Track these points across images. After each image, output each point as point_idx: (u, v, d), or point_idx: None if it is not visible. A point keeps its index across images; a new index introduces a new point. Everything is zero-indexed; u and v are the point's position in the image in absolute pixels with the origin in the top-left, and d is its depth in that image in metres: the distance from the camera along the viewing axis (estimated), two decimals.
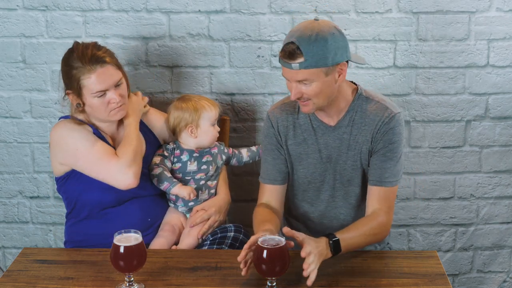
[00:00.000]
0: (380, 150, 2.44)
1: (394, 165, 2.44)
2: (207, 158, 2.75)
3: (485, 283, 3.37)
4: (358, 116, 2.46)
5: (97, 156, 2.52)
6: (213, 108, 2.75)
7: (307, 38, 2.25)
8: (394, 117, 2.43)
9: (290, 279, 2.20)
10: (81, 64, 2.50)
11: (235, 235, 2.64)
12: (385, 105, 2.46)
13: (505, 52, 3.05)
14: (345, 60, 2.33)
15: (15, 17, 2.99)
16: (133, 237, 2.15)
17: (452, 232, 3.29)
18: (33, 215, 3.25)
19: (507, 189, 3.24)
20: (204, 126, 2.73)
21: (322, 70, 2.28)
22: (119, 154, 2.54)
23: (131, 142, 2.57)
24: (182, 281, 2.22)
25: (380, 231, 2.43)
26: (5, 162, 3.18)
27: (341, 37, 2.31)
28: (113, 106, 2.55)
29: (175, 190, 2.66)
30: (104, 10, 2.99)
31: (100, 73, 2.51)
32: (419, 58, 3.05)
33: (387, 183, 2.44)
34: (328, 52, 2.26)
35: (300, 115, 2.52)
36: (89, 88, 2.51)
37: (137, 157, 2.56)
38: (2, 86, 3.08)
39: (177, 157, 2.73)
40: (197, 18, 3.00)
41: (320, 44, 2.25)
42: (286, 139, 2.54)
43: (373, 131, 2.44)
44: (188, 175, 2.72)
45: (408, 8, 2.99)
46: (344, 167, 2.50)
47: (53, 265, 2.33)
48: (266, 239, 2.11)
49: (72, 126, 2.58)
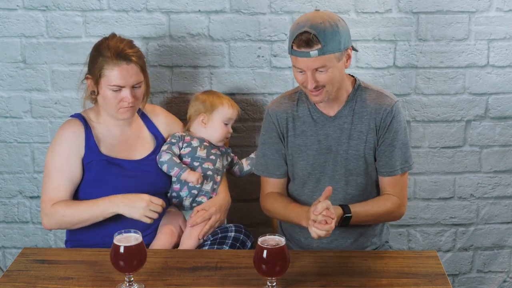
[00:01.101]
0: (386, 140, 2.51)
1: (404, 152, 2.53)
2: (216, 151, 2.78)
3: (485, 283, 3.37)
4: (358, 105, 2.51)
5: (46, 184, 2.59)
6: (231, 108, 2.80)
7: (320, 26, 2.33)
8: (394, 106, 2.51)
9: (290, 279, 2.20)
10: (110, 54, 2.55)
11: (235, 235, 2.64)
12: (383, 93, 2.54)
13: (505, 52, 3.05)
14: (351, 45, 2.44)
15: (15, 17, 3.00)
16: (133, 237, 2.15)
17: (452, 232, 3.29)
18: (33, 215, 3.25)
19: (507, 189, 3.24)
20: (216, 121, 2.78)
21: (336, 55, 2.37)
22: (57, 205, 2.56)
23: (89, 210, 2.55)
24: (182, 281, 2.22)
25: (393, 210, 2.55)
26: (5, 162, 3.19)
27: (345, 23, 2.42)
28: (124, 104, 2.58)
29: (184, 175, 2.67)
30: (104, 10, 2.99)
31: (123, 70, 2.55)
32: (419, 58, 3.05)
33: (398, 170, 2.53)
34: (340, 37, 2.36)
35: (299, 108, 2.56)
36: (108, 80, 2.55)
37: (65, 223, 2.56)
38: (2, 86, 3.08)
39: (187, 143, 2.75)
40: (197, 18, 3.00)
41: (333, 30, 2.35)
42: (286, 132, 2.58)
43: (376, 120, 2.50)
44: (197, 160, 2.74)
45: (408, 8, 2.99)
46: (345, 157, 2.53)
47: (53, 265, 2.33)
48: (266, 239, 2.11)
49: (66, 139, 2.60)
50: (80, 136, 2.61)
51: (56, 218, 2.56)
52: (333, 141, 2.53)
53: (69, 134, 2.61)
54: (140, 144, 2.72)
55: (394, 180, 2.55)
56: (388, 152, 2.52)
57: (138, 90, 2.61)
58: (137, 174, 2.65)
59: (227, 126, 2.80)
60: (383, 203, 2.54)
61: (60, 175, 2.58)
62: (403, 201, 2.56)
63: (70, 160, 2.59)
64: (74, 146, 2.60)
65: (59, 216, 2.55)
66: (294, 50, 2.37)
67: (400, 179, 2.55)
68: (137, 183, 2.63)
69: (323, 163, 2.55)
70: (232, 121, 2.82)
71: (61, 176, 2.58)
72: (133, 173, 2.64)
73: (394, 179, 2.54)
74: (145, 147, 2.72)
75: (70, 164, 2.59)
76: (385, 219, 2.61)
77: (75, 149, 2.60)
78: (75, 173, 2.60)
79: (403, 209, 2.58)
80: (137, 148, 2.70)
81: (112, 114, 2.63)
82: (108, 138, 2.66)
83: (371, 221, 2.57)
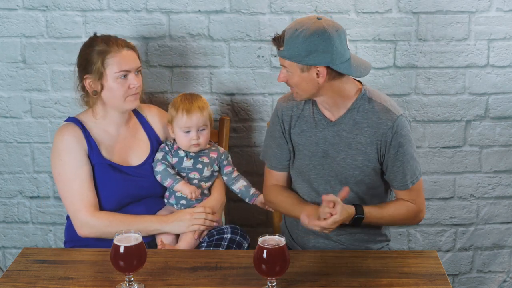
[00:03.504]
0: (392, 156, 2.47)
1: (412, 165, 2.49)
2: (203, 159, 2.73)
3: (485, 283, 3.37)
4: (359, 116, 2.47)
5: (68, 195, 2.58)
6: (187, 116, 2.66)
7: (292, 31, 2.35)
8: (397, 120, 2.45)
9: (290, 279, 2.20)
10: (107, 46, 2.57)
11: (232, 236, 2.63)
12: (387, 107, 2.47)
13: (505, 52, 3.05)
14: (323, 65, 2.34)
15: (15, 17, 2.99)
16: (133, 237, 2.15)
17: (452, 232, 3.29)
18: (33, 215, 3.25)
19: (507, 189, 3.24)
20: (176, 129, 2.70)
21: (298, 65, 2.36)
22: (101, 215, 2.56)
23: (135, 224, 2.56)
24: (182, 281, 2.22)
25: (409, 216, 2.53)
26: (5, 162, 3.18)
27: (328, 42, 2.32)
28: (132, 91, 2.59)
29: (178, 186, 2.66)
30: (104, 10, 2.99)
31: (125, 55, 2.59)
32: (419, 58, 3.05)
33: (409, 184, 2.50)
34: (301, 51, 2.33)
35: (306, 107, 2.56)
36: (114, 68, 2.57)
37: (106, 233, 2.55)
38: (2, 86, 3.08)
39: (175, 151, 2.72)
40: (197, 18, 3.00)
41: (298, 41, 2.33)
42: (289, 128, 2.58)
43: (377, 134, 2.45)
44: (183, 171, 2.71)
45: (408, 8, 2.99)
46: (342, 164, 2.51)
47: (53, 265, 2.33)
48: (266, 239, 2.11)
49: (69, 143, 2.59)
50: (80, 139, 2.60)
51: (99, 227, 2.56)
52: (330, 147, 2.51)
53: (70, 138, 2.59)
54: (136, 145, 2.72)
55: (408, 191, 2.52)
56: (396, 167, 2.48)
57: (139, 76, 2.64)
58: (136, 179, 2.66)
59: (189, 134, 2.67)
60: (398, 207, 2.51)
61: (80, 180, 2.57)
62: (420, 207, 2.53)
63: (82, 162, 2.58)
64: (79, 148, 2.59)
65: (103, 225, 2.55)
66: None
67: (414, 188, 2.52)
68: (136, 187, 2.64)
69: (318, 166, 2.54)
70: (192, 128, 2.66)
71: (81, 181, 2.57)
72: (132, 177, 2.65)
73: (408, 191, 2.51)
74: (142, 148, 2.72)
75: (83, 165, 2.58)
76: (400, 223, 2.61)
77: (80, 150, 2.59)
78: (90, 173, 2.60)
79: (421, 215, 2.55)
80: (134, 149, 2.70)
81: (119, 105, 2.62)
82: (106, 140, 2.66)
83: (385, 224, 2.57)
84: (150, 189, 2.67)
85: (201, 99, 2.72)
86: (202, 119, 2.68)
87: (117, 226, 2.52)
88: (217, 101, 3.10)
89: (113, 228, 2.49)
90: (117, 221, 2.56)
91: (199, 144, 2.69)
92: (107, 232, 2.52)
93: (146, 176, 2.67)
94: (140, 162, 2.69)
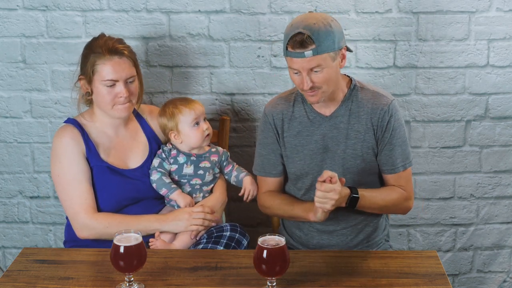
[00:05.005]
0: (385, 139, 2.53)
1: (403, 149, 2.56)
2: (204, 164, 2.72)
3: (485, 283, 3.37)
4: (354, 105, 2.54)
5: (68, 197, 2.58)
6: (189, 109, 2.67)
7: (314, 26, 2.36)
8: (392, 103, 2.54)
9: (290, 279, 2.20)
10: (101, 50, 2.55)
11: (231, 234, 2.62)
12: (379, 93, 2.57)
13: (505, 52, 3.05)
14: (345, 45, 2.46)
15: (15, 17, 2.99)
16: (133, 237, 2.15)
17: (452, 232, 3.29)
18: (33, 215, 3.25)
19: (507, 189, 3.24)
20: (185, 130, 2.68)
21: (330, 55, 2.40)
22: (99, 216, 2.56)
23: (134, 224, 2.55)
24: (182, 281, 2.22)
25: (400, 202, 2.58)
26: (5, 162, 3.18)
27: (338, 24, 2.45)
28: (120, 100, 2.57)
29: (174, 196, 2.65)
30: (104, 10, 2.99)
31: (115, 64, 2.55)
32: (419, 58, 3.05)
33: (399, 168, 2.56)
34: (334, 36, 2.38)
35: (296, 108, 2.59)
36: (101, 75, 2.55)
37: (105, 234, 2.55)
38: (2, 86, 3.08)
39: (174, 158, 2.70)
40: (197, 18, 3.00)
41: (327, 29, 2.37)
42: (282, 132, 2.60)
43: (373, 120, 2.53)
44: (183, 178, 2.70)
45: (408, 8, 2.99)
46: (342, 156, 2.55)
47: (53, 265, 2.33)
48: (266, 239, 2.11)
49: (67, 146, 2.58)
50: (79, 142, 2.60)
51: (98, 229, 2.56)
52: (329, 141, 2.55)
53: (69, 141, 2.59)
54: (135, 147, 2.71)
55: (397, 176, 2.57)
56: (388, 151, 2.55)
57: (132, 85, 2.60)
58: (134, 181, 2.65)
59: (200, 125, 2.68)
60: (390, 192, 2.57)
61: (79, 182, 2.57)
62: (410, 194, 2.60)
63: (80, 165, 2.58)
64: (77, 151, 2.59)
65: (102, 227, 2.55)
66: (289, 52, 2.40)
67: (404, 175, 2.58)
68: (134, 189, 2.64)
69: (320, 162, 2.57)
70: (201, 117, 2.69)
71: (80, 184, 2.57)
72: (130, 180, 2.65)
73: (397, 175, 2.57)
74: (141, 150, 2.72)
75: (82, 168, 2.58)
76: (391, 210, 2.64)
77: (79, 153, 2.59)
78: (89, 175, 2.60)
79: (410, 202, 2.61)
80: (133, 151, 2.70)
81: (108, 112, 2.61)
82: (105, 141, 2.66)
83: (377, 209, 2.58)
84: (148, 191, 2.67)
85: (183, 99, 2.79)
86: (202, 108, 2.71)
87: (116, 227, 2.51)
88: (217, 101, 3.10)
89: (112, 229, 2.49)
90: (116, 222, 2.56)
91: (209, 134, 2.72)
92: (107, 233, 2.52)
93: (144, 178, 2.67)
94: (139, 164, 2.69)
